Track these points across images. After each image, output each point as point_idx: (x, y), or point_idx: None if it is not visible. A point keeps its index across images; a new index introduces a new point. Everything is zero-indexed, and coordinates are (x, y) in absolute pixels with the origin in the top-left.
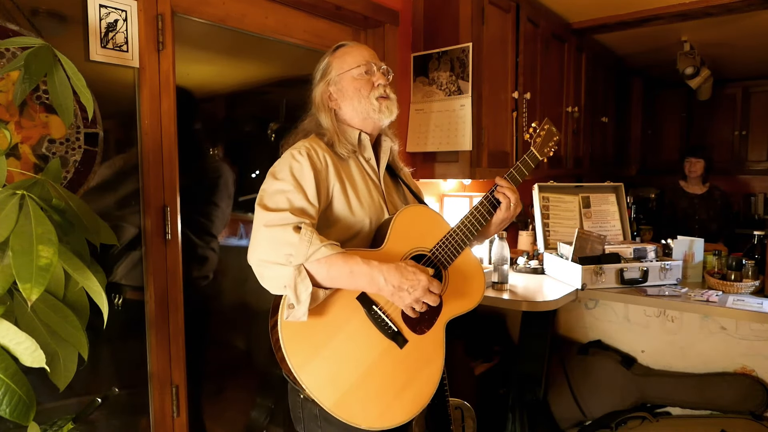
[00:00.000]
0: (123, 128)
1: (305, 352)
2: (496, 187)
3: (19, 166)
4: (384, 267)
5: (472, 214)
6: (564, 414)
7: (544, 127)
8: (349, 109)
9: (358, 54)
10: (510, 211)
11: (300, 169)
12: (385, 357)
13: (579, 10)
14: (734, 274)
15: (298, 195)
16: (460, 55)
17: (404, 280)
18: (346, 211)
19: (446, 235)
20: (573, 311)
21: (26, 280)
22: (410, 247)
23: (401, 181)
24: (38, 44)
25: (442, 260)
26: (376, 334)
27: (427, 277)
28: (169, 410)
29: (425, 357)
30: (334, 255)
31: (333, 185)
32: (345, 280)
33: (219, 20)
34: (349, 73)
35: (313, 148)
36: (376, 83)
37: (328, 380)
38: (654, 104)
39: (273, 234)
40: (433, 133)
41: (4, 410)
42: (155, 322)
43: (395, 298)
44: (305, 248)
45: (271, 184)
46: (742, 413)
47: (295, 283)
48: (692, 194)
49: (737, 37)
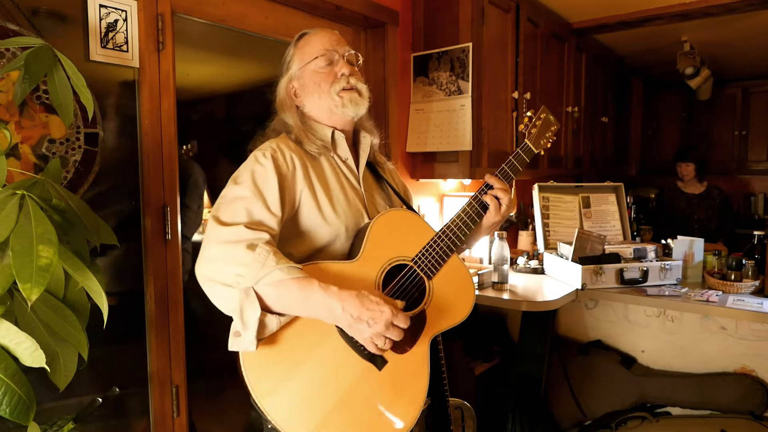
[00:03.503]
0: (123, 128)
1: (271, 379)
2: (486, 186)
3: (19, 166)
4: (344, 294)
5: (459, 217)
6: (564, 414)
7: (540, 116)
8: (313, 106)
9: (318, 42)
10: (500, 214)
11: (263, 173)
12: (362, 381)
13: (579, 10)
14: (734, 274)
15: (258, 204)
16: (460, 55)
17: (364, 311)
18: (317, 218)
19: (430, 241)
20: (573, 311)
21: (26, 280)
22: (389, 256)
23: (384, 179)
24: (38, 44)
25: (426, 270)
26: (352, 357)
27: (392, 308)
28: (169, 410)
29: (407, 378)
30: (288, 280)
31: (301, 190)
32: (299, 307)
33: (219, 20)
34: (308, 66)
35: (280, 149)
36: (339, 73)
37: (298, 410)
38: (654, 104)
39: (223, 251)
40: (433, 133)
41: (4, 410)
42: (155, 322)
43: (353, 331)
44: (257, 270)
45: (231, 190)
46: (742, 413)
47: (241, 307)
48: (690, 194)
49: (737, 37)
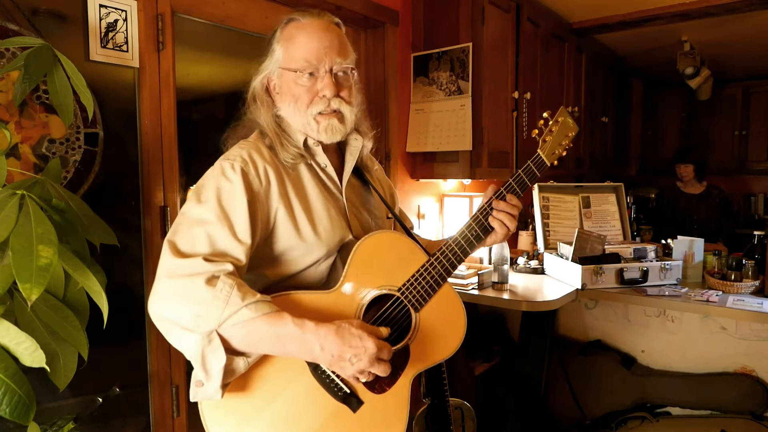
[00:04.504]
0: (123, 128)
1: (232, 422)
2: (491, 207)
3: (19, 166)
4: (322, 331)
5: (455, 242)
6: (564, 414)
7: (558, 120)
8: (287, 115)
9: (304, 47)
10: (505, 236)
11: (230, 192)
12: (332, 424)
13: (579, 10)
14: (734, 274)
15: (223, 230)
16: (460, 55)
17: (346, 348)
18: (294, 239)
19: (420, 269)
20: (573, 311)
21: (26, 280)
22: (373, 284)
23: (370, 185)
24: (38, 44)
25: (413, 301)
26: (324, 397)
27: (375, 342)
28: (169, 410)
29: (384, 421)
30: (256, 318)
31: (276, 209)
32: (270, 346)
33: (219, 20)
34: (289, 73)
35: (252, 160)
36: (320, 93)
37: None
38: (654, 104)
39: (178, 287)
40: (433, 133)
41: (4, 410)
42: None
43: (335, 368)
44: (218, 310)
45: (192, 208)
46: (742, 413)
47: (202, 355)
48: (690, 195)
49: (737, 37)
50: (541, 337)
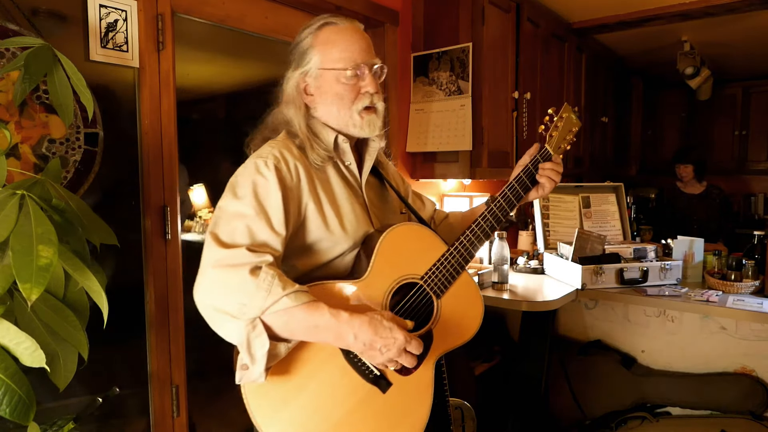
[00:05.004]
0: (123, 128)
1: (273, 405)
2: (535, 168)
3: (19, 166)
4: (356, 321)
5: (472, 231)
6: (564, 414)
7: (562, 116)
8: (326, 113)
9: (348, 50)
10: (550, 190)
11: (265, 187)
12: (365, 404)
13: (579, 10)
14: (734, 274)
15: (261, 223)
16: (460, 55)
17: (377, 339)
18: (322, 232)
19: (440, 258)
20: (573, 311)
21: (26, 280)
22: (398, 274)
23: (388, 184)
24: (38, 44)
25: (435, 289)
26: (356, 379)
27: (405, 335)
28: (169, 410)
29: (410, 400)
30: (296, 306)
31: (306, 203)
32: (307, 334)
33: (219, 20)
34: (332, 72)
35: (283, 158)
36: (363, 90)
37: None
38: (654, 104)
39: (224, 277)
40: (433, 133)
41: (4, 410)
42: (155, 322)
43: (365, 357)
44: (262, 298)
45: (229, 203)
46: (742, 413)
47: (248, 340)
48: (689, 194)
49: (737, 37)
50: (541, 337)
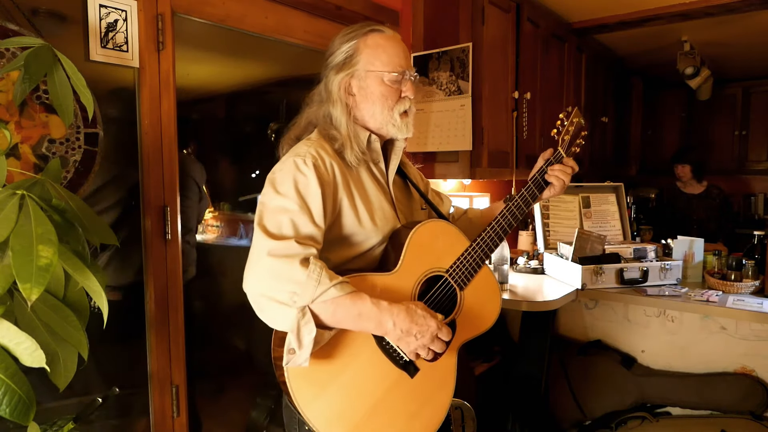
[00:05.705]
0: (123, 128)
1: (313, 388)
2: (526, 189)
3: (19, 166)
4: (394, 310)
5: (492, 229)
6: (564, 414)
7: (573, 120)
8: (367, 113)
9: (395, 55)
10: (562, 189)
11: (306, 183)
12: (395, 388)
13: (579, 10)
14: (734, 274)
15: (304, 217)
16: (460, 55)
17: (413, 326)
18: (355, 226)
19: (464, 252)
20: (573, 311)
21: (26, 280)
22: (426, 267)
23: (410, 183)
24: (38, 44)
25: (459, 281)
26: (387, 365)
27: (437, 322)
28: (169, 410)
29: (436, 384)
30: (342, 296)
31: (341, 199)
32: (351, 322)
33: (219, 20)
34: (379, 74)
35: (320, 156)
36: (404, 94)
37: (336, 416)
38: (654, 104)
39: (277, 266)
40: (433, 133)
41: (4, 410)
42: (155, 322)
43: (401, 343)
44: (312, 288)
45: (272, 198)
46: (742, 413)
47: (298, 327)
48: (689, 194)
49: (737, 37)
50: (541, 337)
